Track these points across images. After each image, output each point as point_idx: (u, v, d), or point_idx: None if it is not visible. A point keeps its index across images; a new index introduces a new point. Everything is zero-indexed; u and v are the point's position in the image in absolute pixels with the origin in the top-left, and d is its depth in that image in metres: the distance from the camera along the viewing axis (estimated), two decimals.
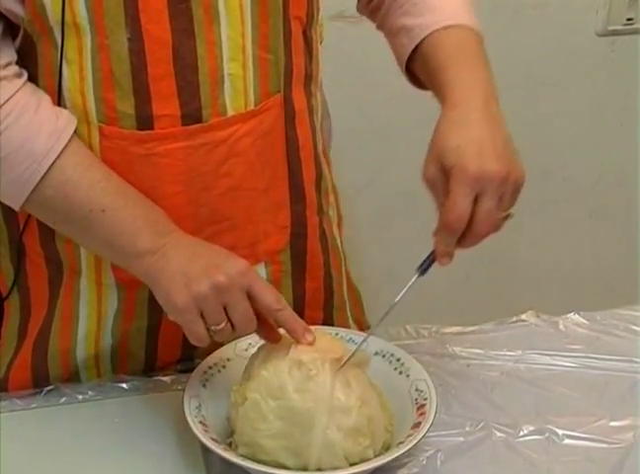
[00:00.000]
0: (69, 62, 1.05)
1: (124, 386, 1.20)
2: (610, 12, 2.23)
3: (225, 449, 1.02)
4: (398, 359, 1.15)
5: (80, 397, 1.18)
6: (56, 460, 1.09)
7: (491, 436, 1.12)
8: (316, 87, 1.23)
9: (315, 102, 1.23)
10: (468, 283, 2.43)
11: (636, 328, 1.32)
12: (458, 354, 1.27)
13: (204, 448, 1.04)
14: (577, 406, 1.17)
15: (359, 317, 1.37)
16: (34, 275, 1.20)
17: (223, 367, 1.14)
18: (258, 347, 1.08)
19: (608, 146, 2.38)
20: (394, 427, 1.08)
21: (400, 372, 1.13)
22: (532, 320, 1.34)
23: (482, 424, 1.13)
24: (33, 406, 1.17)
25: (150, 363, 1.23)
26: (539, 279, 2.48)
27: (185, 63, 1.06)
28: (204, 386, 1.11)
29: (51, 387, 1.20)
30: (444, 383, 1.20)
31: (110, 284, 1.17)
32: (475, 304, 2.33)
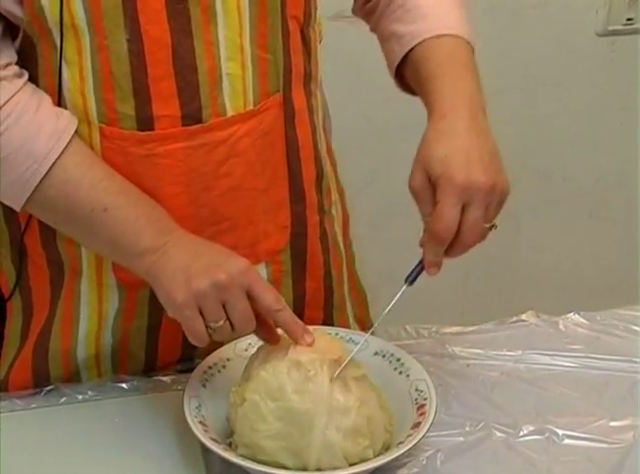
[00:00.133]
0: (69, 63, 1.05)
1: (124, 386, 1.20)
2: (610, 12, 2.23)
3: (225, 449, 1.02)
4: (398, 359, 1.15)
5: (80, 397, 1.18)
6: (56, 460, 1.09)
7: (491, 436, 1.12)
8: (316, 86, 1.23)
9: (315, 101, 1.23)
10: (468, 284, 2.43)
11: (636, 328, 1.32)
12: (458, 354, 1.27)
13: (204, 448, 1.04)
14: (577, 406, 1.17)
15: (362, 317, 1.36)
16: (35, 275, 1.20)
17: (223, 367, 1.14)
18: (257, 347, 1.08)
19: (608, 146, 2.38)
20: (394, 427, 1.07)
21: (400, 372, 1.13)
22: (532, 320, 1.34)
23: (482, 424, 1.13)
24: (33, 406, 1.17)
25: (150, 363, 1.23)
26: (539, 280, 2.48)
27: (184, 64, 1.06)
28: (204, 386, 1.11)
29: (51, 387, 1.20)
30: (444, 383, 1.19)
31: (110, 285, 1.17)
32: (475, 304, 2.33)
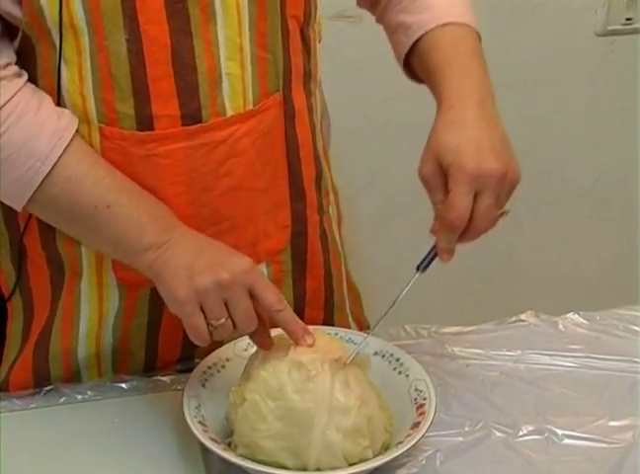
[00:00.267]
0: (68, 63, 1.05)
1: (124, 386, 1.20)
2: (609, 12, 2.22)
3: (224, 449, 1.02)
4: (397, 359, 1.15)
5: (79, 397, 1.18)
6: (56, 460, 1.09)
7: (490, 436, 1.12)
8: (315, 85, 1.23)
9: (314, 100, 1.23)
10: (467, 283, 2.43)
11: (636, 328, 1.32)
12: (458, 353, 1.27)
13: (204, 448, 1.04)
14: (576, 406, 1.17)
15: (358, 316, 1.37)
16: (35, 276, 1.20)
17: (222, 367, 1.14)
18: (257, 347, 1.08)
19: (608, 146, 2.38)
20: (393, 427, 1.07)
21: (399, 372, 1.13)
22: (532, 320, 1.34)
23: (481, 424, 1.13)
24: (32, 406, 1.17)
25: (150, 363, 1.23)
26: (539, 279, 2.48)
27: (183, 63, 1.06)
28: (204, 386, 1.11)
29: (51, 387, 1.20)
30: (444, 383, 1.19)
31: (111, 285, 1.17)
32: (474, 304, 2.33)
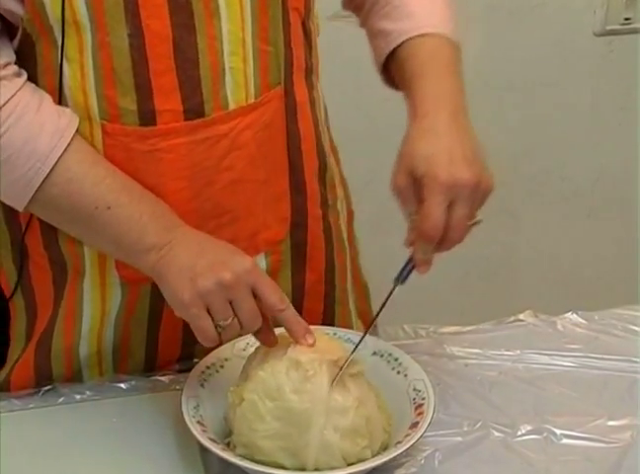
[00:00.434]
0: (70, 61, 1.05)
1: (122, 386, 1.20)
2: (608, 12, 2.23)
3: (223, 449, 1.02)
4: (396, 359, 1.15)
5: (78, 397, 1.18)
6: (54, 460, 1.09)
7: (489, 436, 1.12)
8: (317, 79, 1.24)
9: (317, 94, 1.23)
10: (466, 283, 2.43)
11: (634, 327, 1.32)
12: (456, 353, 1.27)
13: (202, 448, 1.04)
14: (575, 406, 1.17)
15: (364, 311, 1.37)
16: (37, 276, 1.20)
17: (221, 367, 1.14)
18: (256, 347, 1.08)
19: (607, 146, 2.38)
20: (392, 427, 1.07)
21: (398, 372, 1.13)
22: (530, 320, 1.34)
23: (480, 423, 1.13)
24: (31, 406, 1.17)
25: (151, 360, 1.23)
26: (537, 279, 2.48)
27: (186, 58, 1.07)
28: (202, 386, 1.11)
29: (49, 387, 1.20)
30: (442, 383, 1.19)
31: (113, 283, 1.17)
32: (473, 304, 2.33)
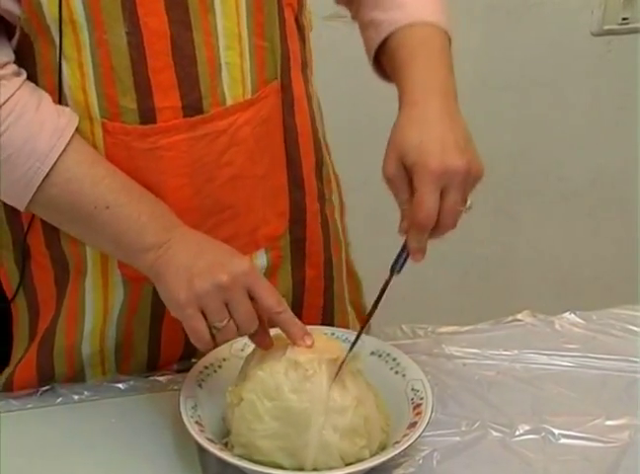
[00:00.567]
0: (68, 60, 1.05)
1: (121, 386, 1.20)
2: (606, 11, 2.23)
3: (221, 449, 1.01)
4: (394, 359, 1.15)
5: (76, 397, 1.18)
6: (52, 460, 1.09)
7: (487, 436, 1.12)
8: (311, 74, 1.24)
9: (312, 88, 1.24)
10: (464, 283, 2.43)
11: (632, 327, 1.32)
12: (454, 353, 1.27)
13: (201, 449, 1.04)
14: (573, 405, 1.17)
15: (356, 302, 1.37)
16: (39, 276, 1.20)
17: (219, 367, 1.14)
18: (254, 347, 1.08)
19: (605, 146, 2.39)
20: (390, 426, 1.07)
21: (396, 372, 1.13)
22: (528, 319, 1.34)
23: (478, 423, 1.13)
24: (29, 406, 1.17)
25: (153, 359, 1.23)
26: (535, 279, 2.48)
27: (183, 54, 1.07)
28: (200, 386, 1.11)
29: (47, 387, 1.20)
30: (440, 383, 1.20)
31: (116, 281, 1.17)
32: (471, 304, 2.33)
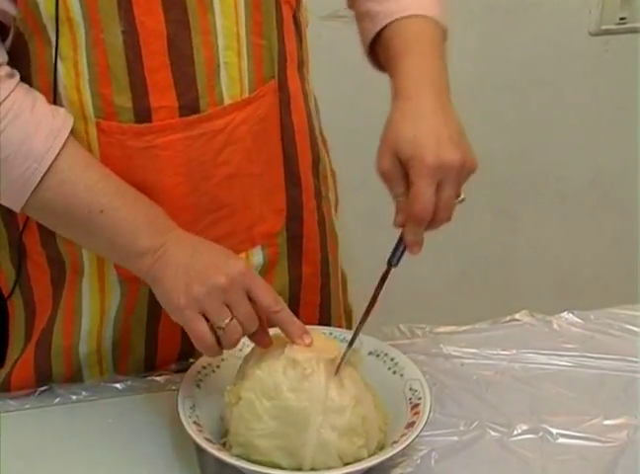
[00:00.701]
0: (64, 59, 1.05)
1: (118, 386, 1.20)
2: (603, 11, 2.23)
3: (219, 449, 1.01)
4: (392, 359, 1.15)
5: (74, 397, 1.18)
6: (50, 461, 1.09)
7: (485, 436, 1.12)
8: (307, 71, 1.24)
9: (308, 86, 1.24)
10: (462, 283, 2.43)
11: (631, 327, 1.32)
12: (452, 353, 1.27)
13: (199, 448, 1.04)
14: (571, 405, 1.17)
15: (343, 300, 1.38)
16: (36, 275, 1.20)
17: (217, 367, 1.14)
18: (252, 346, 1.08)
19: (604, 146, 2.39)
20: (388, 426, 1.07)
21: (394, 372, 1.13)
22: (526, 319, 1.34)
23: (476, 423, 1.13)
24: (27, 406, 1.17)
25: (151, 359, 1.23)
26: (533, 279, 2.48)
27: (180, 54, 1.07)
28: (198, 386, 1.11)
29: (45, 387, 1.20)
30: (438, 383, 1.20)
31: (112, 281, 1.17)
32: (469, 304, 2.33)
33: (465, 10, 2.15)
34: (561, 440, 1.11)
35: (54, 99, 1.07)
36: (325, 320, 1.30)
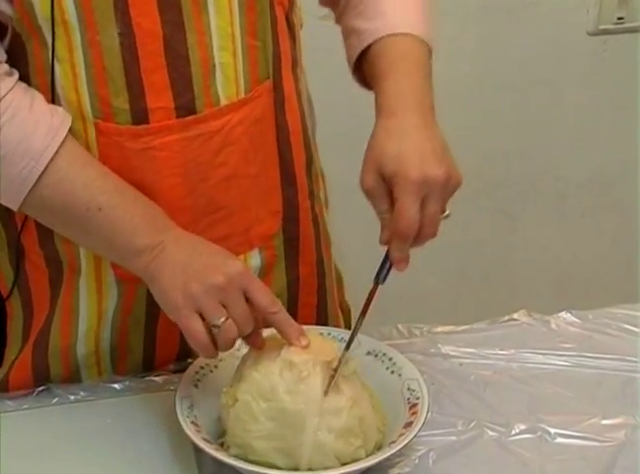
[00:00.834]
0: (60, 60, 1.05)
1: (116, 387, 1.20)
2: (601, 11, 2.23)
3: (217, 450, 1.01)
4: (390, 359, 1.15)
5: (72, 398, 1.18)
6: (48, 461, 1.09)
7: (483, 436, 1.12)
8: (301, 72, 1.25)
9: (302, 86, 1.24)
10: (460, 283, 2.43)
11: (629, 326, 1.32)
12: (450, 353, 1.27)
13: (197, 449, 1.04)
14: (569, 404, 1.17)
15: (340, 299, 1.38)
16: (34, 275, 1.20)
17: (215, 368, 1.14)
18: (250, 347, 1.08)
19: (603, 146, 2.39)
20: (386, 426, 1.07)
21: (392, 372, 1.13)
22: (524, 319, 1.34)
23: (474, 423, 1.13)
24: (25, 406, 1.17)
25: (149, 360, 1.23)
26: (531, 279, 2.48)
27: (176, 55, 1.07)
28: (196, 386, 1.11)
29: (43, 388, 1.20)
30: (437, 382, 1.20)
31: (110, 281, 1.17)
32: (467, 303, 2.33)
33: (463, 10, 2.16)
34: (559, 440, 1.11)
35: (53, 99, 1.07)
36: (322, 320, 1.30)
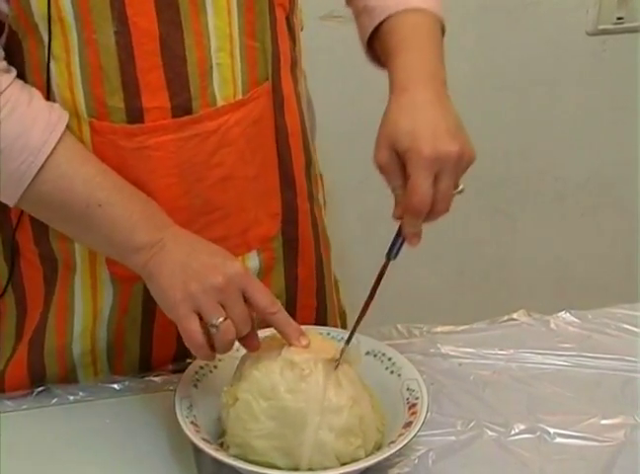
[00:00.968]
0: (56, 59, 1.05)
1: (116, 387, 1.20)
2: (601, 11, 2.23)
3: (216, 450, 1.01)
4: (389, 359, 1.15)
5: (71, 398, 1.18)
6: (47, 461, 1.09)
7: (482, 436, 1.12)
8: (301, 73, 1.24)
9: (301, 88, 1.24)
10: (459, 283, 2.43)
11: (628, 326, 1.32)
12: (450, 353, 1.27)
13: (196, 449, 1.04)
14: (568, 404, 1.17)
15: (337, 302, 1.37)
16: (28, 273, 1.20)
17: (215, 367, 1.14)
18: (245, 349, 1.08)
19: (602, 146, 2.38)
20: (386, 426, 1.07)
21: (391, 372, 1.13)
22: (524, 319, 1.34)
23: (473, 423, 1.13)
24: (24, 407, 1.17)
25: (146, 360, 1.23)
26: (531, 279, 2.48)
27: (173, 55, 1.07)
28: (196, 386, 1.11)
29: (42, 388, 1.20)
30: (436, 382, 1.20)
31: (105, 280, 1.17)
32: (466, 303, 2.33)
33: (463, 10, 2.15)
34: (558, 440, 1.11)
35: (48, 97, 1.07)
36: (321, 322, 1.30)
